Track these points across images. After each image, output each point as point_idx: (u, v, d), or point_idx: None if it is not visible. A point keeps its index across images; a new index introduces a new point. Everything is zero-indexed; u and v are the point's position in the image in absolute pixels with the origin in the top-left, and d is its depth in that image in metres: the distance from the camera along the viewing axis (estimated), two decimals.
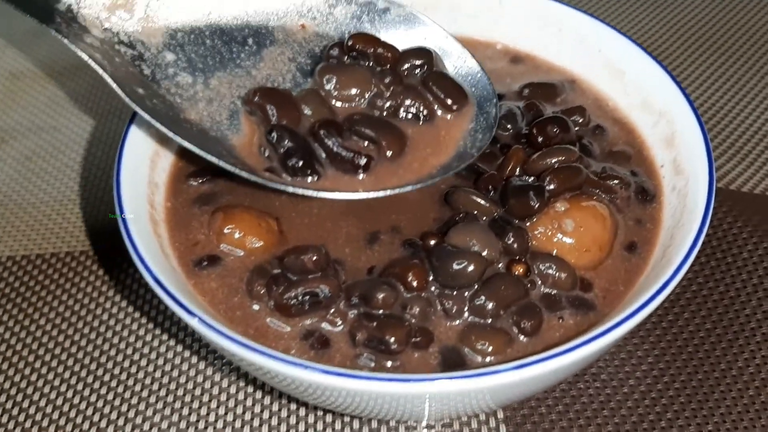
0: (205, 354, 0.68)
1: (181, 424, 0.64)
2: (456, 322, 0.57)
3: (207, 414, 0.64)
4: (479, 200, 0.61)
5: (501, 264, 0.58)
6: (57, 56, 1.00)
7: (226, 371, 0.67)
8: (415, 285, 0.56)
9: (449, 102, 0.63)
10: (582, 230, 0.59)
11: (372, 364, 0.54)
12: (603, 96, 0.73)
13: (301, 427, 0.63)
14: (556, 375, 0.54)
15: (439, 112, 0.64)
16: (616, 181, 0.64)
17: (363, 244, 0.61)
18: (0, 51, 1.02)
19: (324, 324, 0.56)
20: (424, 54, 0.65)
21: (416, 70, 0.64)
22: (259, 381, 0.65)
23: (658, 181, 0.66)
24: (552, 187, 0.60)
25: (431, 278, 0.57)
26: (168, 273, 0.55)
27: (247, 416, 0.64)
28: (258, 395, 0.65)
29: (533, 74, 0.76)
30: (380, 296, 0.55)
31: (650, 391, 0.65)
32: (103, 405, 0.65)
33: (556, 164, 0.62)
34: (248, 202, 0.64)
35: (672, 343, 0.68)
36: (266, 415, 0.64)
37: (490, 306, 0.56)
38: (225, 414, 0.64)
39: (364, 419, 0.63)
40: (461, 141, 0.63)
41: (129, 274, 0.74)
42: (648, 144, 0.69)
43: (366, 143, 0.60)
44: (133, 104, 0.57)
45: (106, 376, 0.67)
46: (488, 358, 0.55)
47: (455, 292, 0.57)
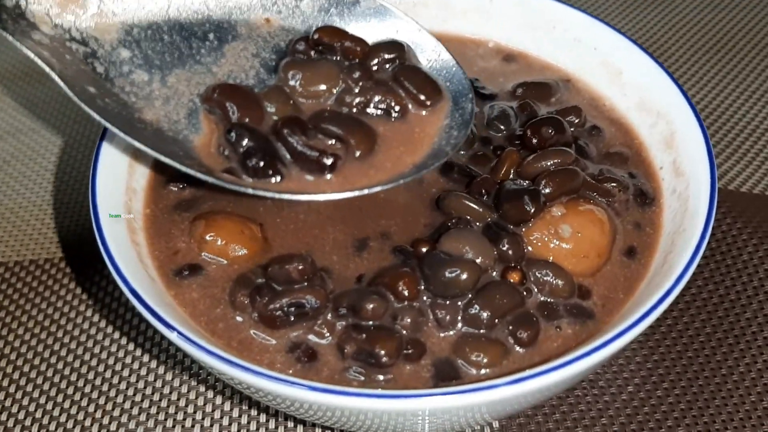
0: (190, 363, 0.67)
1: None
2: (449, 333, 0.55)
3: (192, 426, 0.63)
4: (472, 205, 0.60)
5: (495, 271, 0.57)
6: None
7: (212, 381, 0.66)
8: (406, 294, 0.55)
9: (422, 97, 0.62)
10: (579, 236, 0.58)
11: (362, 378, 0.53)
12: (599, 95, 0.73)
13: None
14: (555, 388, 0.53)
15: (412, 108, 0.62)
16: (614, 184, 0.63)
17: (351, 252, 0.60)
18: None
19: (311, 336, 0.55)
20: (396, 47, 0.63)
21: (387, 65, 0.63)
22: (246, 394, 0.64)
23: (658, 184, 0.65)
24: (548, 191, 0.59)
25: (423, 287, 0.56)
26: (146, 284, 0.54)
27: (234, 429, 0.63)
28: (245, 407, 0.65)
29: (527, 73, 0.75)
30: (369, 306, 0.54)
31: (650, 398, 0.64)
32: (84, 417, 0.64)
33: (552, 167, 0.61)
34: (231, 208, 0.62)
35: (671, 348, 0.68)
36: (253, 427, 0.63)
37: (485, 315, 0.55)
38: (211, 426, 0.63)
39: None
40: (436, 138, 0.61)
41: (110, 281, 0.73)
42: (646, 145, 0.68)
43: (333, 142, 0.59)
44: (82, 104, 0.55)
45: (87, 387, 0.66)
46: (483, 371, 0.54)
47: (448, 302, 0.56)
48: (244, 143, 0.57)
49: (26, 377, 0.66)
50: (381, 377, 0.53)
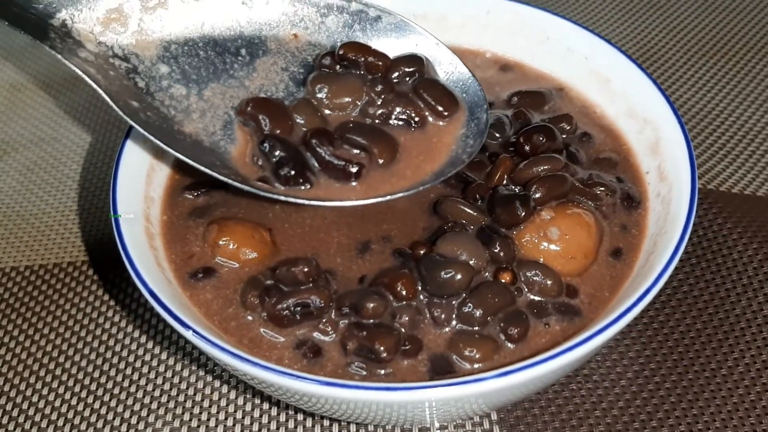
0: (206, 361, 0.69)
1: (183, 430, 0.65)
2: (444, 330, 0.58)
3: (207, 419, 0.65)
4: (467, 209, 0.62)
5: (488, 272, 0.59)
6: (57, 68, 1.01)
7: (227, 377, 0.68)
8: (405, 294, 0.57)
9: (440, 108, 0.64)
10: (567, 238, 0.60)
11: (363, 372, 0.55)
12: (590, 103, 0.74)
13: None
14: (543, 380, 0.55)
15: (431, 119, 0.64)
16: (602, 188, 0.65)
17: (354, 254, 0.62)
18: (0, 63, 1.03)
19: (316, 334, 0.57)
20: (415, 61, 0.66)
21: (407, 78, 0.65)
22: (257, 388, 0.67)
23: (644, 188, 0.66)
24: (538, 196, 0.61)
25: (420, 287, 0.58)
26: (163, 286, 0.57)
27: (247, 421, 0.65)
28: (257, 401, 0.67)
29: (522, 82, 0.76)
30: (370, 306, 0.56)
31: (641, 391, 0.65)
32: (107, 411, 0.66)
33: (542, 173, 0.63)
34: (242, 214, 0.65)
35: (663, 344, 0.69)
36: (265, 420, 0.65)
37: (478, 314, 0.57)
38: (225, 419, 0.65)
39: (361, 424, 0.64)
40: (453, 147, 0.63)
41: (130, 283, 0.75)
42: (634, 151, 0.69)
43: (358, 151, 0.61)
44: (128, 118, 0.57)
45: (109, 383, 0.68)
46: (476, 365, 0.56)
47: (444, 301, 0.58)
48: (277, 153, 0.59)
49: (52, 374, 0.69)
50: (381, 371, 0.55)
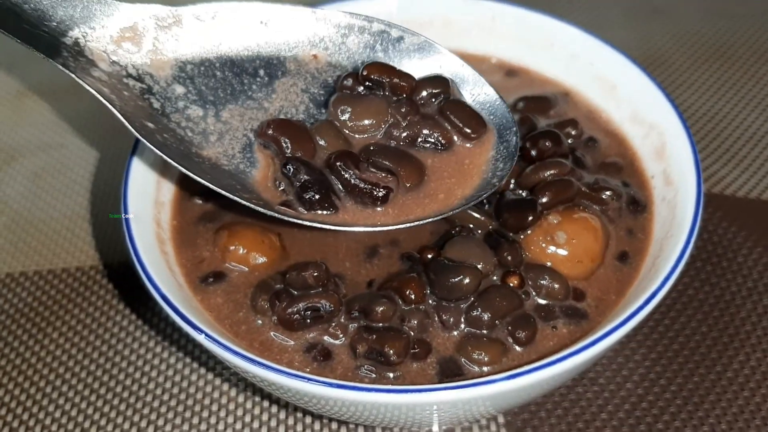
0: (214, 364, 0.70)
1: None
2: (453, 334, 0.58)
3: (216, 423, 0.66)
4: (474, 214, 0.62)
5: (496, 276, 0.60)
6: (63, 75, 1.00)
7: (235, 381, 0.68)
8: (413, 298, 0.58)
9: (468, 130, 0.62)
10: (574, 242, 0.61)
11: (373, 375, 0.56)
12: (596, 108, 0.74)
13: None
14: (550, 383, 0.55)
15: (458, 141, 0.62)
16: (608, 193, 0.65)
17: (363, 258, 0.62)
18: (7, 69, 1.03)
19: (326, 337, 0.58)
20: (441, 82, 0.63)
21: (433, 99, 0.63)
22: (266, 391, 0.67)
23: (649, 192, 0.67)
24: (545, 200, 0.62)
25: (428, 291, 0.59)
26: (175, 290, 0.57)
27: (255, 425, 0.65)
28: (266, 404, 0.67)
29: (528, 87, 0.77)
30: (379, 309, 0.57)
31: (647, 394, 0.66)
32: (116, 415, 0.66)
33: (549, 178, 0.63)
34: (251, 219, 0.65)
35: (668, 347, 0.69)
36: (273, 423, 0.65)
37: (486, 317, 0.57)
38: (234, 422, 0.66)
39: (369, 427, 0.65)
40: (483, 169, 0.61)
41: (138, 288, 0.74)
42: (639, 155, 0.69)
43: (384, 174, 0.59)
44: (144, 140, 0.56)
45: (119, 387, 0.68)
46: (485, 368, 0.56)
47: (452, 305, 0.58)
48: (301, 176, 0.57)
49: (62, 378, 0.69)
50: (390, 374, 0.56)
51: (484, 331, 0.58)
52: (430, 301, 0.59)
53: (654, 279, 0.55)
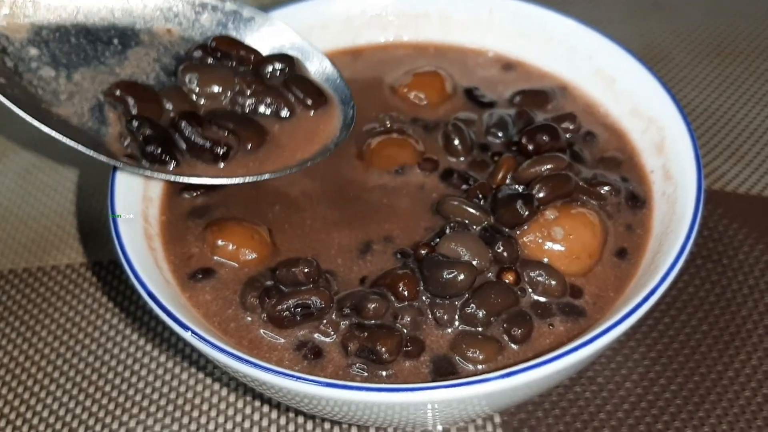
0: (205, 363, 0.69)
1: None
2: (447, 331, 0.57)
3: (207, 422, 0.65)
4: (470, 209, 0.61)
5: (491, 272, 0.59)
6: None
7: (226, 380, 0.68)
8: (406, 294, 0.57)
9: (309, 101, 0.67)
10: (571, 238, 0.60)
11: (364, 374, 0.55)
12: (594, 102, 0.74)
13: None
14: (547, 381, 0.54)
15: (301, 111, 0.67)
16: (607, 188, 0.64)
17: (355, 255, 0.62)
18: None
19: (316, 335, 0.57)
20: (286, 59, 0.68)
21: (278, 73, 0.68)
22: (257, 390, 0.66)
23: (649, 187, 0.66)
24: (541, 195, 0.61)
25: (422, 287, 0.58)
26: (162, 286, 0.56)
27: (247, 424, 0.65)
28: (257, 403, 0.66)
29: (525, 81, 0.76)
30: (371, 306, 0.56)
31: (647, 394, 0.65)
32: (105, 415, 0.66)
33: (546, 172, 0.62)
34: (241, 215, 0.64)
35: (668, 346, 0.68)
36: (265, 423, 0.65)
37: (481, 314, 0.56)
38: (225, 422, 0.65)
39: (362, 427, 0.64)
40: (322, 137, 0.66)
41: (128, 285, 0.75)
42: (638, 150, 0.69)
43: (226, 134, 0.63)
44: None
45: (108, 386, 0.68)
46: (479, 366, 0.56)
47: (446, 301, 0.57)
48: (144, 131, 0.61)
49: (50, 377, 0.68)
50: (383, 373, 0.55)
51: (479, 329, 0.57)
52: (424, 298, 0.58)
53: (653, 275, 0.54)
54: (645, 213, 0.64)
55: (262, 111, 0.66)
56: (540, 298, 0.59)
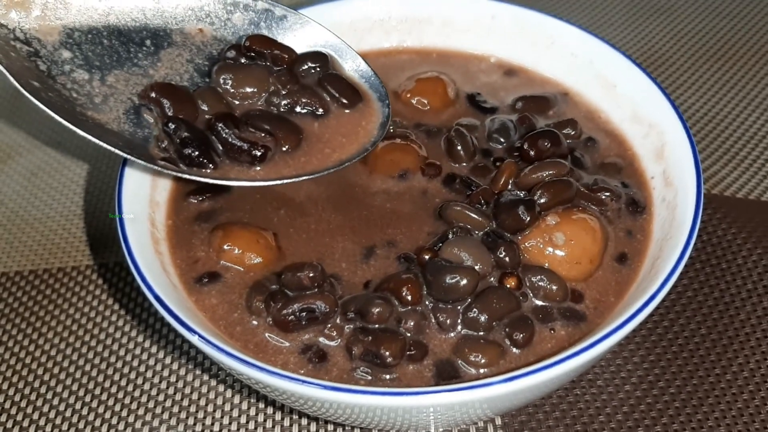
0: (210, 365, 0.70)
1: None
2: (450, 335, 0.58)
3: (212, 424, 0.65)
4: (472, 214, 0.62)
5: (493, 277, 0.59)
6: None
7: (231, 382, 0.68)
8: (410, 299, 0.57)
9: (344, 100, 0.66)
10: (572, 243, 0.60)
11: (368, 377, 0.56)
12: (595, 108, 0.74)
13: None
14: (548, 385, 0.55)
15: (336, 110, 0.66)
16: (607, 194, 0.65)
17: (359, 259, 0.62)
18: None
19: (321, 338, 0.58)
20: (320, 57, 0.68)
21: (313, 72, 0.67)
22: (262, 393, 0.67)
23: (649, 193, 0.67)
24: (543, 201, 0.61)
25: (425, 292, 0.58)
26: (169, 290, 0.57)
27: (251, 426, 0.65)
28: (261, 405, 0.67)
29: (527, 87, 0.76)
30: (375, 311, 0.56)
31: (646, 397, 0.66)
32: (111, 416, 0.66)
33: (547, 178, 0.63)
34: (247, 219, 0.65)
35: (667, 349, 0.69)
36: (269, 424, 0.65)
37: (483, 319, 0.57)
38: (230, 423, 0.65)
39: (365, 430, 0.64)
40: (358, 135, 0.65)
41: (134, 287, 0.76)
42: (639, 156, 0.69)
43: (263, 135, 0.62)
44: (30, 95, 0.58)
45: (114, 388, 0.68)
46: (482, 370, 0.56)
47: (449, 306, 0.58)
48: (181, 134, 0.60)
49: (56, 378, 0.69)
50: (386, 376, 0.55)
51: (481, 333, 0.58)
52: (427, 303, 0.58)
53: (653, 281, 0.55)
54: (645, 218, 0.65)
55: (298, 110, 0.65)
56: (541, 303, 0.59)
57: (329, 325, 0.58)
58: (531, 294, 0.60)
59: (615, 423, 0.64)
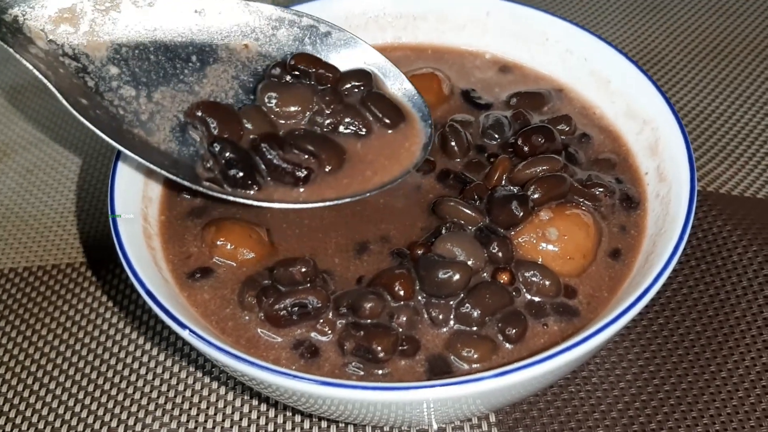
0: (203, 361, 0.69)
1: (180, 431, 0.65)
2: (442, 330, 0.58)
3: (205, 420, 0.65)
4: (465, 210, 0.62)
5: (486, 272, 0.59)
6: None
7: (224, 378, 0.68)
8: (402, 294, 0.57)
9: (387, 120, 0.66)
10: (566, 238, 0.60)
11: (360, 373, 0.55)
12: (589, 104, 0.74)
13: None
14: (541, 380, 0.54)
15: (378, 130, 0.66)
16: (601, 189, 0.65)
17: (352, 254, 0.62)
18: (1, 65, 1.03)
19: (313, 334, 0.57)
20: (364, 75, 0.67)
21: (356, 90, 0.67)
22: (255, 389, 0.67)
23: (643, 189, 0.66)
24: (536, 196, 0.61)
25: (418, 287, 0.58)
26: (160, 285, 0.57)
27: (244, 422, 0.65)
28: (255, 402, 0.67)
29: (522, 83, 0.76)
30: (368, 306, 0.56)
31: (641, 394, 0.65)
32: (104, 413, 0.66)
33: (541, 173, 0.63)
34: (240, 214, 0.65)
35: (662, 347, 0.69)
36: (262, 421, 0.65)
37: (476, 314, 0.57)
38: (223, 420, 0.65)
39: (358, 426, 0.65)
40: (400, 156, 0.65)
41: (128, 284, 0.76)
42: (633, 152, 0.69)
43: (306, 156, 0.62)
44: (77, 114, 0.58)
45: (107, 384, 0.68)
46: (474, 365, 0.56)
47: (442, 301, 0.58)
48: (227, 155, 0.60)
49: (50, 375, 0.69)
50: (378, 372, 0.55)
51: (474, 328, 0.57)
52: (420, 298, 0.58)
53: (646, 276, 0.55)
54: (639, 214, 0.65)
55: (341, 130, 0.65)
56: (534, 298, 0.59)
57: (321, 321, 0.58)
58: (524, 289, 0.59)
59: (609, 420, 0.64)
